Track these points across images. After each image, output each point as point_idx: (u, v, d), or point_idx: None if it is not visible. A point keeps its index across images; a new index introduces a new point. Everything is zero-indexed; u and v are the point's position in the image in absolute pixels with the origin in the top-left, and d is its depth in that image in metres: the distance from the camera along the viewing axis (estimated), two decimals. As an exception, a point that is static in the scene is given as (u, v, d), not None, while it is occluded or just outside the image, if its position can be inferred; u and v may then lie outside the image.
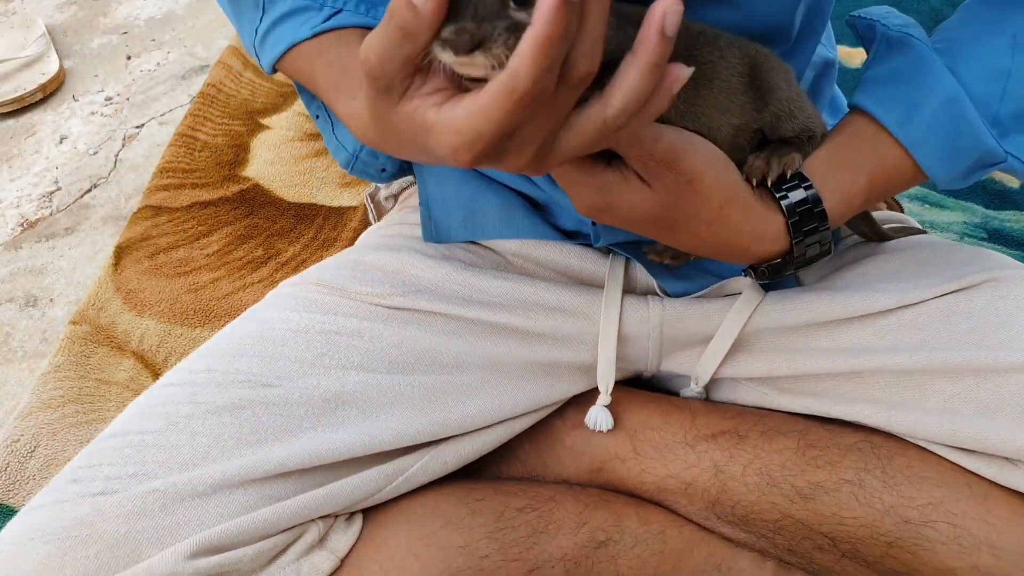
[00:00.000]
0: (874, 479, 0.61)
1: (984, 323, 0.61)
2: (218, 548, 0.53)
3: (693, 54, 0.52)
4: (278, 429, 0.58)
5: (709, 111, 0.53)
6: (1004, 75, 0.56)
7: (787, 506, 0.63)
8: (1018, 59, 0.56)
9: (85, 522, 0.52)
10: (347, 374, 0.62)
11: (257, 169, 1.38)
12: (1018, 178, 0.60)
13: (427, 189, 0.74)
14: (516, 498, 0.65)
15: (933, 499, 0.59)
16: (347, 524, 0.61)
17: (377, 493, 0.62)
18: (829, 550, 0.63)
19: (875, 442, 0.63)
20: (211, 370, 0.61)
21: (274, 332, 0.63)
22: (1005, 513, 0.58)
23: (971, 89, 0.56)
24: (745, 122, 0.55)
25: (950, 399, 0.60)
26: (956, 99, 0.56)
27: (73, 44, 1.77)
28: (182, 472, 0.55)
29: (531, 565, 0.62)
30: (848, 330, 0.65)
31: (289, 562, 0.56)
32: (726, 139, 0.54)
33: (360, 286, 0.67)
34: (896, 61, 0.59)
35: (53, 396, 1.00)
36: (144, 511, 0.53)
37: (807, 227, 0.56)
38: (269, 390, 0.60)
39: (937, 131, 0.57)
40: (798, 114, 0.56)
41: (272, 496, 0.57)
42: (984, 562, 0.57)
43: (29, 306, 1.17)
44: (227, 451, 0.56)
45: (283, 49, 0.62)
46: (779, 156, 0.56)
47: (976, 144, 0.57)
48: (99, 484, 0.54)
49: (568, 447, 0.71)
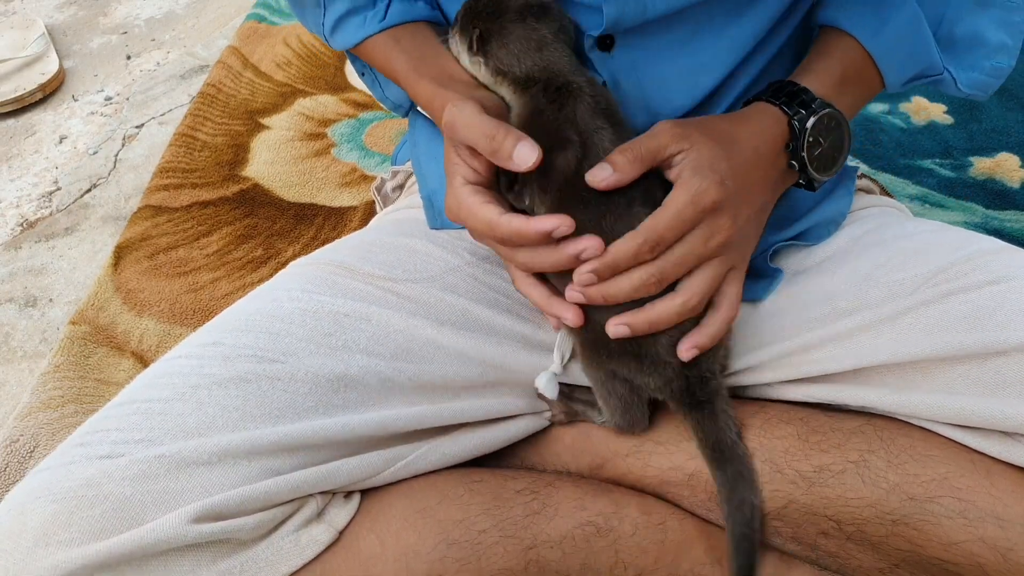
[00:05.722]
0: (878, 459, 0.62)
1: (980, 306, 0.61)
2: (220, 515, 0.54)
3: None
4: (282, 405, 0.60)
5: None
6: (943, 3, 0.68)
7: (791, 491, 0.63)
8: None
9: (92, 483, 0.53)
10: (352, 356, 0.63)
11: (257, 169, 1.38)
12: (943, 90, 0.73)
13: (428, 183, 0.76)
14: (515, 481, 0.66)
15: (937, 475, 0.60)
16: (345, 500, 0.62)
17: (375, 476, 0.63)
18: (834, 534, 0.63)
19: (877, 425, 0.64)
20: (219, 344, 0.62)
21: (283, 310, 0.64)
22: (1009, 486, 0.59)
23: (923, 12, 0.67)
24: None
25: (953, 381, 0.61)
26: (917, 18, 0.67)
27: (73, 44, 1.77)
28: (187, 440, 0.56)
29: (528, 543, 0.62)
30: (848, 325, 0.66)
31: (288, 533, 0.58)
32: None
33: (371, 268, 0.69)
34: None
35: (52, 396, 1.00)
36: (149, 475, 0.54)
37: (796, 100, 0.64)
38: (275, 365, 0.61)
39: (900, 45, 0.68)
40: None
41: (273, 469, 0.58)
42: (990, 533, 0.58)
43: (29, 306, 1.17)
44: (232, 422, 0.58)
45: (356, 42, 0.74)
46: None
47: (924, 58, 0.69)
48: (106, 448, 0.55)
49: (568, 445, 0.71)
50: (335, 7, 0.73)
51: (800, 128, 0.63)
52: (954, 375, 0.61)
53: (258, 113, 1.52)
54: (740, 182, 0.60)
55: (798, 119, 0.63)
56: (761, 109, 0.65)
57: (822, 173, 0.65)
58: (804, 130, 0.63)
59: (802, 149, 0.63)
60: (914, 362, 0.63)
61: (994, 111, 1.44)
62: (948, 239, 0.68)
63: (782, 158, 0.65)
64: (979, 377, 0.60)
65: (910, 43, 0.68)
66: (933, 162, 1.34)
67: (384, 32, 0.72)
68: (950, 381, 0.61)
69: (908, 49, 0.68)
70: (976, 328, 0.60)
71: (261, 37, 1.74)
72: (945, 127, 1.42)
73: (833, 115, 0.64)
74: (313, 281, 0.67)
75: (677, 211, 0.57)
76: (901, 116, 1.45)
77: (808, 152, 0.64)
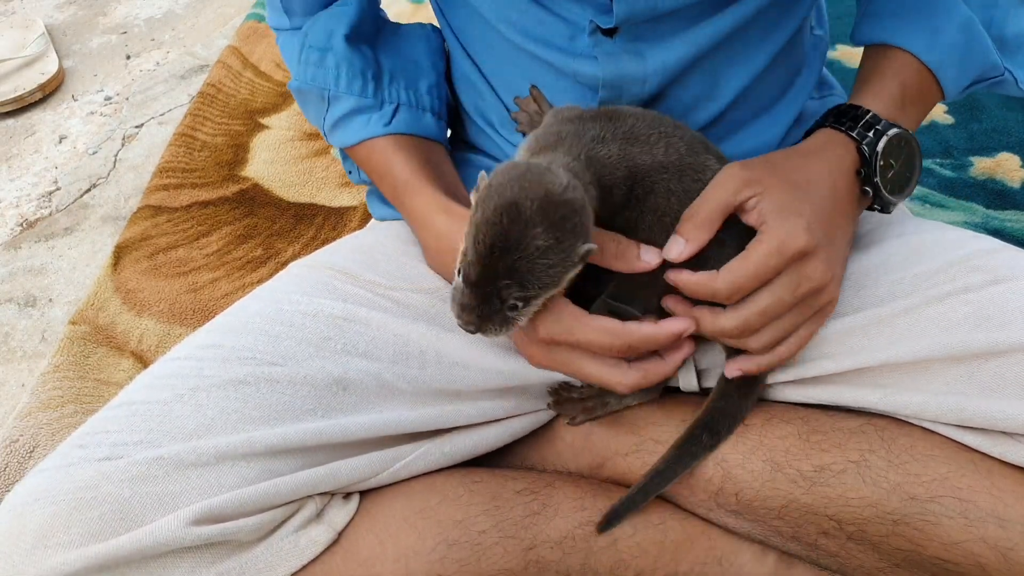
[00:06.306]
0: (879, 459, 0.62)
1: (980, 306, 0.61)
2: (219, 517, 0.54)
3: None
4: (280, 407, 0.60)
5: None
6: (992, 5, 0.68)
7: (792, 490, 0.63)
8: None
9: (90, 485, 0.53)
10: (351, 360, 0.63)
11: (257, 169, 1.38)
12: (1002, 91, 0.72)
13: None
14: (515, 482, 0.66)
15: (938, 475, 0.60)
16: (344, 501, 0.62)
17: (374, 476, 0.63)
18: (834, 534, 0.63)
19: (878, 425, 0.64)
20: (218, 346, 0.62)
21: (283, 312, 0.64)
22: (1010, 486, 0.59)
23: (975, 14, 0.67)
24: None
25: (953, 381, 0.61)
26: (970, 22, 0.66)
27: (73, 44, 1.77)
28: (186, 442, 0.56)
29: (528, 543, 0.62)
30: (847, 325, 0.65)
31: (287, 534, 0.58)
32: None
33: (371, 275, 0.69)
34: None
35: (52, 396, 1.00)
36: (148, 477, 0.54)
37: (861, 123, 0.63)
38: (274, 368, 0.61)
39: (955, 51, 0.67)
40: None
41: (272, 471, 0.58)
42: (991, 533, 0.58)
43: (28, 306, 1.16)
44: (231, 425, 0.58)
45: (356, 141, 0.74)
46: None
47: (982, 61, 0.68)
48: (105, 450, 0.55)
49: (568, 444, 0.71)
50: (340, 104, 0.73)
51: (871, 152, 0.62)
52: (955, 375, 0.61)
53: (258, 113, 1.52)
54: (825, 225, 0.59)
55: (867, 143, 0.62)
56: (827, 137, 0.64)
57: (897, 195, 0.64)
58: (875, 153, 0.62)
59: (875, 174, 0.62)
60: (914, 362, 0.63)
61: (994, 111, 1.44)
62: (948, 239, 0.68)
63: (856, 186, 0.64)
64: (980, 377, 0.60)
65: (966, 48, 0.67)
66: (934, 162, 1.34)
67: (386, 136, 0.72)
68: (951, 381, 0.61)
69: (964, 55, 0.67)
70: (976, 328, 0.60)
71: (261, 37, 1.74)
72: (945, 127, 1.42)
73: (901, 135, 0.63)
74: (313, 284, 0.67)
75: (759, 261, 0.57)
76: (901, 116, 1.45)
77: (881, 176, 0.63)
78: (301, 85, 0.75)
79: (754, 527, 0.66)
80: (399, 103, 0.74)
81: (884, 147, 0.62)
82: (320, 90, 0.73)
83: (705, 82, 0.68)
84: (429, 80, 0.76)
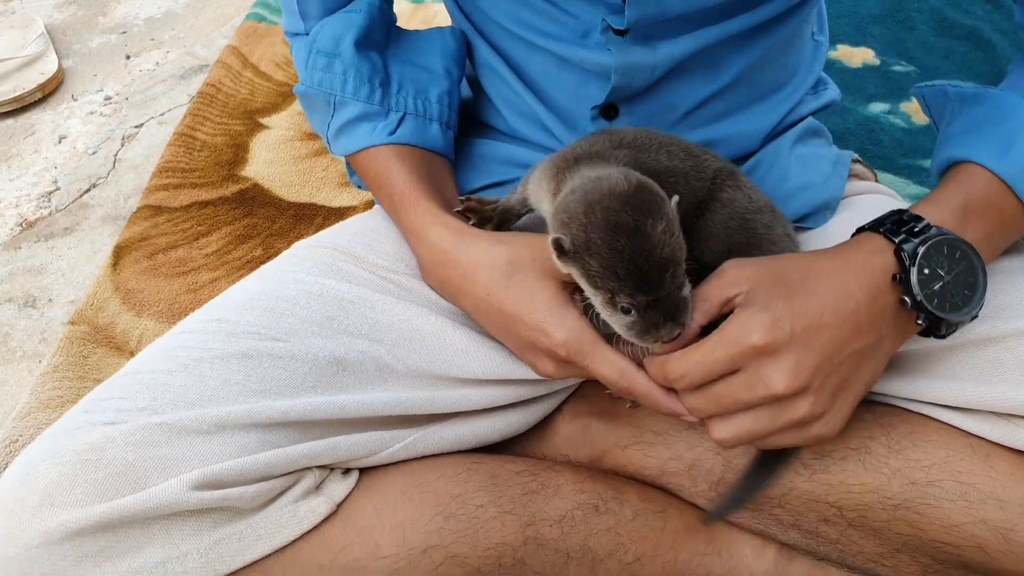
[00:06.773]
0: (879, 445, 0.62)
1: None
2: (220, 484, 0.56)
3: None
4: (281, 382, 0.61)
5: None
6: None
7: (792, 478, 0.63)
8: None
9: (95, 447, 0.55)
10: (353, 341, 0.64)
11: (256, 169, 1.38)
12: None
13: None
14: (514, 464, 0.67)
15: (938, 459, 0.61)
16: (343, 476, 0.63)
17: (373, 455, 0.64)
18: (835, 521, 0.63)
19: (877, 411, 0.64)
20: (223, 320, 0.63)
21: (287, 291, 0.66)
22: (1008, 468, 0.60)
23: None
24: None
25: (953, 367, 0.62)
26: None
27: (72, 44, 1.77)
28: (189, 410, 0.58)
29: (527, 520, 0.63)
30: None
31: (287, 504, 0.59)
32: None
33: (376, 257, 0.70)
34: (975, 112, 0.65)
35: (52, 396, 1.00)
36: (151, 442, 0.56)
37: (905, 227, 0.57)
38: (276, 344, 0.62)
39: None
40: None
41: (272, 442, 0.59)
42: (991, 515, 0.59)
43: (28, 306, 1.16)
44: (233, 395, 0.59)
45: (358, 148, 0.74)
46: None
47: None
48: (110, 415, 0.57)
49: (566, 437, 0.71)
50: (346, 110, 0.73)
51: (910, 255, 0.55)
52: (954, 361, 0.62)
53: (258, 113, 1.52)
54: (808, 322, 0.54)
55: (905, 244, 0.56)
56: (861, 239, 0.59)
57: (948, 312, 0.56)
58: (915, 255, 0.55)
59: (913, 282, 0.55)
60: (913, 349, 0.63)
61: None
62: None
63: (890, 292, 0.57)
64: (978, 362, 0.61)
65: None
66: (933, 162, 1.34)
67: (388, 146, 0.72)
68: (950, 367, 0.62)
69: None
70: (979, 322, 0.61)
71: (261, 37, 1.74)
72: None
73: (955, 243, 0.56)
74: (318, 264, 0.69)
75: (706, 350, 0.54)
76: (902, 116, 1.45)
77: (923, 285, 0.55)
78: (308, 90, 0.75)
79: (754, 516, 0.66)
80: (405, 112, 0.73)
81: (926, 252, 0.55)
82: (326, 95, 0.74)
83: (707, 65, 0.70)
84: (441, 87, 0.75)
